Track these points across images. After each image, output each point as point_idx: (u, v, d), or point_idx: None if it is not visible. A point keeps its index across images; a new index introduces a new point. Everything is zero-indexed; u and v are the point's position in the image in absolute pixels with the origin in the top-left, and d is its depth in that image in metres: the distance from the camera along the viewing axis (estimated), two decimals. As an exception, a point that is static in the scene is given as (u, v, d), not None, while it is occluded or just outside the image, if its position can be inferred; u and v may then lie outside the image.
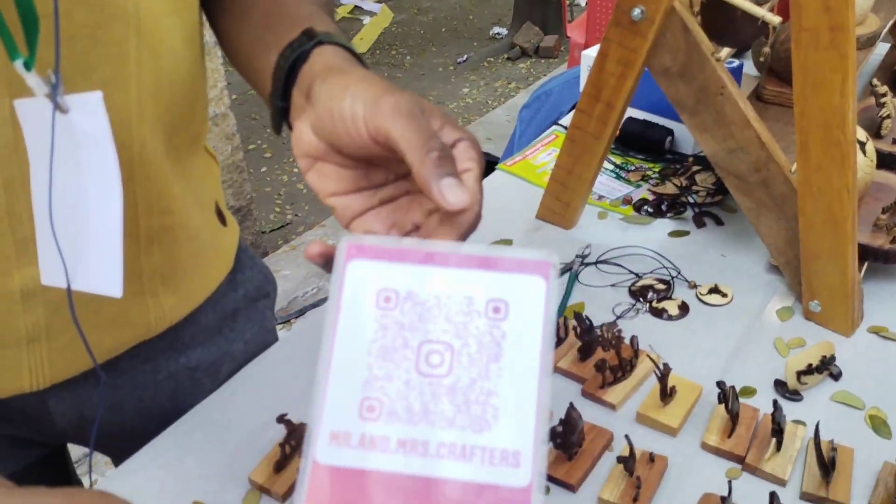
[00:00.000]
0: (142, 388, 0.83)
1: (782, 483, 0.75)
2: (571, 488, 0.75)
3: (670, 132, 1.25)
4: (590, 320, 0.88)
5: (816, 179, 0.86)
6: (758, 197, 0.95)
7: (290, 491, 0.75)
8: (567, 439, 0.76)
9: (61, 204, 0.56)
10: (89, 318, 0.73)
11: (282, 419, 0.76)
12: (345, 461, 0.42)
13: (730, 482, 0.71)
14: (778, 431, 0.76)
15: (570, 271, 1.03)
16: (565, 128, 1.20)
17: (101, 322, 0.74)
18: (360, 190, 0.55)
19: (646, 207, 1.15)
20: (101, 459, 1.91)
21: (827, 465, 0.73)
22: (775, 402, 0.76)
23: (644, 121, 1.28)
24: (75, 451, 1.03)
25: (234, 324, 0.90)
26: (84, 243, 0.57)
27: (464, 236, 0.50)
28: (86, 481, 1.05)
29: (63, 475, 0.93)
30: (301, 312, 2.63)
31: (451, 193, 0.48)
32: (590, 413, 0.83)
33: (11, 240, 0.63)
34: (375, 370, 0.43)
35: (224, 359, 0.89)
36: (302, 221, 3.51)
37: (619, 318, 0.95)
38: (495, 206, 1.14)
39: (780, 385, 0.85)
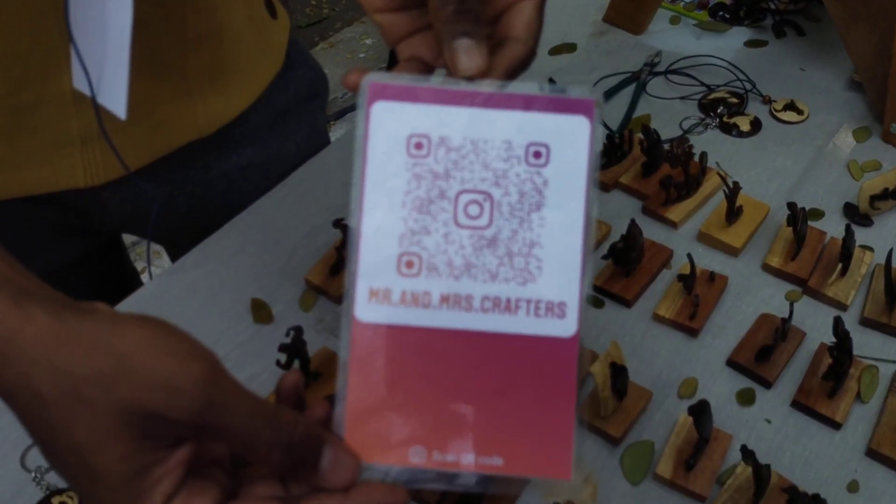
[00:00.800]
0: (194, 184, 0.82)
1: (843, 308, 0.74)
2: (627, 303, 0.74)
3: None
4: (657, 134, 0.83)
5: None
6: (853, 5, 0.86)
7: (346, 293, 0.76)
8: (627, 255, 0.74)
9: (89, 14, 0.54)
10: (139, 121, 0.71)
11: (338, 223, 0.75)
12: (387, 318, 0.41)
13: (791, 304, 0.70)
14: (846, 256, 0.74)
15: (638, 81, 0.97)
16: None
17: (152, 124, 0.73)
18: (410, 7, 0.49)
19: (722, 13, 1.06)
20: (153, 250, 1.97)
21: (895, 291, 0.71)
22: (848, 227, 0.74)
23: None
24: (128, 236, 1.04)
25: (284, 124, 0.87)
26: (102, 57, 0.56)
27: (512, 73, 0.44)
28: (140, 268, 1.08)
29: (117, 263, 0.95)
30: (342, 114, 2.59)
31: (465, 58, 0.41)
32: (649, 230, 0.81)
33: (61, 42, 0.61)
34: (411, 224, 0.41)
35: (276, 159, 0.87)
36: (339, 17, 3.36)
37: (686, 132, 0.91)
38: (558, 4, 1.06)
39: (850, 209, 0.82)
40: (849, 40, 0.88)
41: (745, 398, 0.68)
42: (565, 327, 0.41)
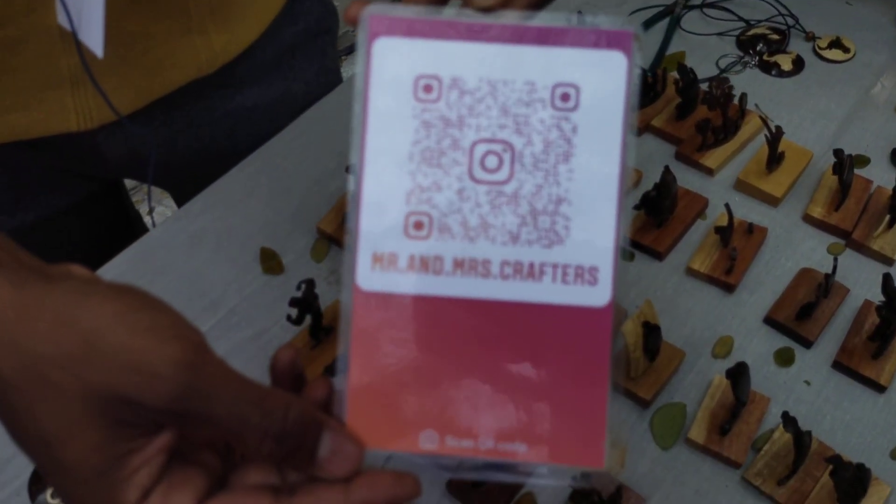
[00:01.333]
0: (196, 127, 0.77)
1: (889, 262, 0.69)
2: (659, 256, 0.70)
3: None
4: (693, 73, 0.77)
5: None
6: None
7: (360, 242, 0.72)
8: (659, 204, 0.70)
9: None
10: (135, 60, 0.66)
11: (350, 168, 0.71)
12: (393, 287, 0.36)
13: (835, 258, 0.66)
14: (895, 207, 0.69)
15: (671, 15, 0.90)
16: None
17: (148, 63, 0.68)
18: None
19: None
20: (158, 191, 1.93)
21: (948, 247, 0.67)
22: (899, 179, 0.68)
23: None
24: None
25: (292, 61, 0.82)
26: None
27: (535, 4, 0.39)
28: (145, 211, 1.04)
29: (119, 207, 0.91)
30: (352, 49, 2.51)
31: None
32: (683, 178, 0.75)
33: None
34: (420, 179, 0.36)
35: (284, 99, 0.82)
36: (351, -51, 3.24)
37: (723, 72, 0.85)
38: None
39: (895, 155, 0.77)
40: (904, -29, 0.82)
41: (784, 358, 0.64)
42: (597, 295, 0.36)
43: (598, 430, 0.36)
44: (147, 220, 0.89)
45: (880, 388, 0.62)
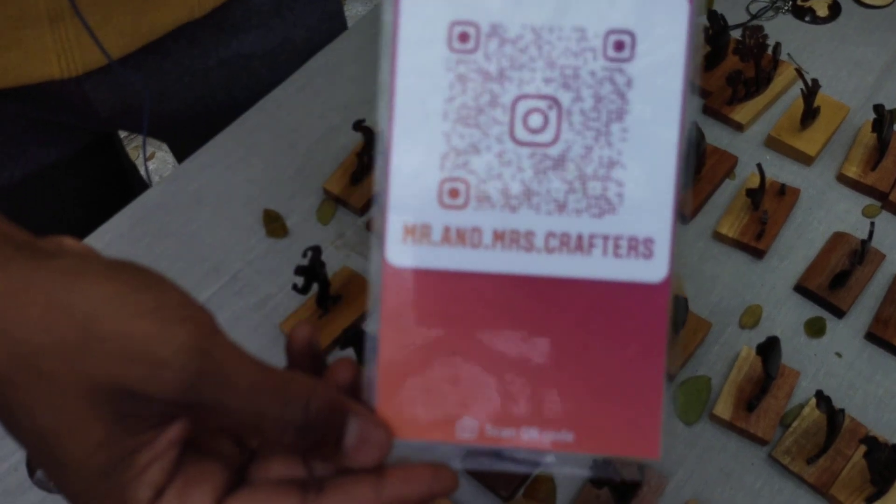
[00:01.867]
0: (190, 75, 0.72)
1: (928, 225, 0.65)
2: (684, 218, 0.66)
3: None
4: (724, 20, 0.72)
5: None
6: None
7: (368, 204, 0.68)
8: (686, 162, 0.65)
9: None
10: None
11: (359, 125, 0.66)
12: (426, 261, 0.33)
13: (871, 223, 0.62)
14: (939, 169, 0.64)
15: (697, -45, 0.84)
16: None
17: (135, 3, 0.63)
18: None
19: None
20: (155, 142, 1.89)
21: None
22: (945, 135, 0.64)
23: None
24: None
25: (293, 4, 0.76)
26: None
27: None
28: (140, 163, 1.00)
29: (114, 163, 0.87)
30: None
31: None
32: (711, 133, 0.71)
33: None
34: (455, 140, 0.32)
35: (284, 47, 0.77)
36: None
37: (753, 17, 0.79)
38: None
39: (940, 110, 0.72)
40: None
41: (815, 329, 0.61)
42: (653, 270, 0.32)
43: (653, 418, 0.33)
44: (143, 171, 0.85)
45: (916, 362, 0.59)
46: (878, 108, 0.66)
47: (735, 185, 0.68)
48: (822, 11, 0.79)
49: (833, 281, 0.61)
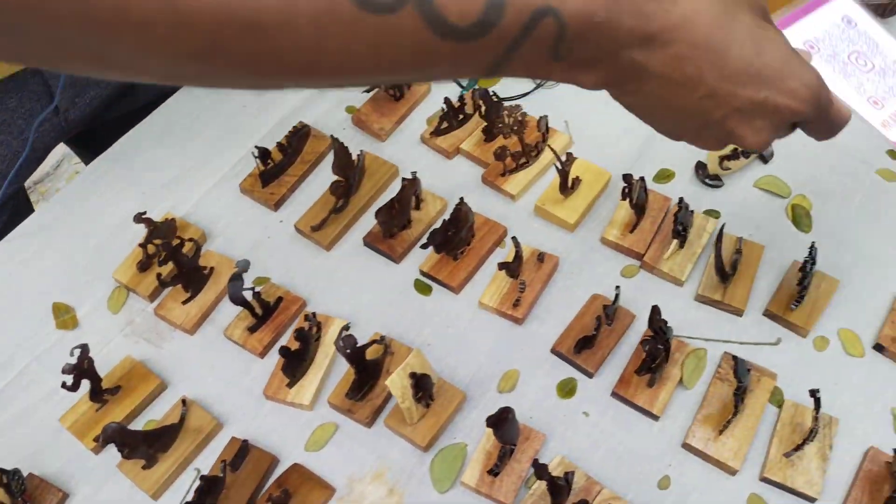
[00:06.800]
0: None
1: (679, 283, 0.70)
2: (454, 290, 0.70)
3: None
4: (496, 96, 0.77)
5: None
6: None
7: (156, 292, 0.71)
8: (451, 241, 0.70)
9: None
10: None
11: (140, 217, 0.70)
12: None
13: (617, 287, 0.66)
14: (678, 232, 0.69)
15: (491, 27, 0.89)
16: None
17: None
18: None
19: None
20: None
21: (726, 270, 0.68)
22: (681, 200, 0.69)
23: None
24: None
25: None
26: None
27: None
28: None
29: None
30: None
31: None
32: (490, 202, 0.76)
33: None
34: None
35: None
36: None
37: (539, 86, 0.84)
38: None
39: (701, 168, 0.77)
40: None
41: (566, 390, 0.65)
42: None
43: None
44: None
45: (654, 417, 0.63)
46: (626, 177, 0.70)
47: (505, 254, 0.72)
48: (599, 79, 0.84)
49: (581, 344, 0.66)
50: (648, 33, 0.40)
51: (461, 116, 0.80)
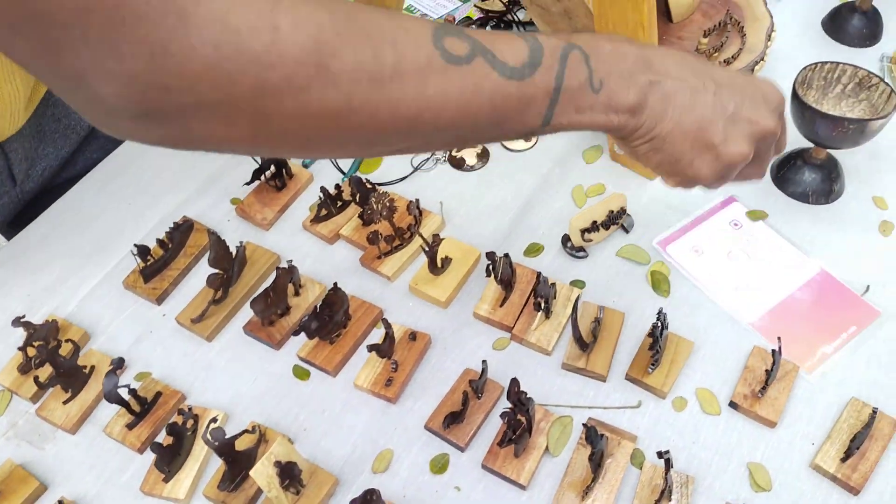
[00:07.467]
0: None
1: (547, 353, 0.74)
2: (331, 374, 0.73)
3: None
4: (371, 183, 0.81)
5: (612, 14, 0.76)
6: (561, 28, 0.85)
7: (37, 395, 0.72)
8: (327, 324, 0.72)
9: None
10: None
11: (18, 321, 0.71)
12: None
13: (484, 362, 0.69)
14: (539, 305, 0.73)
15: (372, 115, 0.94)
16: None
17: None
18: None
19: (472, 27, 1.03)
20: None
21: (584, 341, 0.71)
22: (538, 275, 0.73)
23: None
24: None
25: None
26: None
27: None
28: None
29: None
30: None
31: None
32: (369, 284, 0.79)
33: None
34: None
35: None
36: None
37: (416, 169, 0.89)
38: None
39: (567, 241, 0.81)
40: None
41: (439, 465, 0.67)
42: None
43: None
44: None
45: (522, 487, 0.66)
46: (489, 255, 0.74)
47: (381, 334, 0.75)
48: (472, 160, 0.89)
49: (447, 419, 0.68)
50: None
51: (339, 203, 0.83)
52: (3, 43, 0.34)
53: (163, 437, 0.68)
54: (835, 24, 1.02)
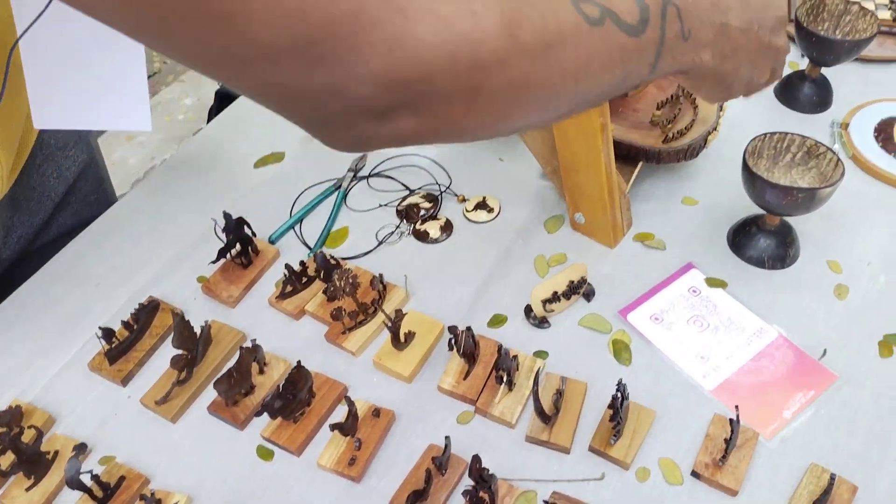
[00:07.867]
0: None
1: (511, 426, 0.74)
2: (294, 453, 0.73)
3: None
4: (335, 259, 0.82)
5: (564, 92, 0.78)
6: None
7: (1, 482, 0.72)
8: (290, 403, 0.73)
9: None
10: None
11: (-20, 409, 0.71)
12: None
13: (447, 438, 0.70)
14: (501, 378, 0.74)
15: (339, 190, 0.96)
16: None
17: None
18: None
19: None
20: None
21: (546, 414, 0.72)
22: (499, 348, 0.74)
23: None
24: None
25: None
26: None
27: None
28: None
29: None
30: None
31: None
32: (334, 360, 0.79)
33: None
34: None
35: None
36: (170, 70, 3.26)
37: (381, 243, 0.90)
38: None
39: (529, 311, 0.83)
40: (525, 136, 0.90)
41: (403, 545, 0.67)
42: None
43: None
44: None
45: (486, 565, 0.66)
46: (451, 329, 0.75)
47: (345, 411, 0.75)
48: (436, 233, 0.90)
49: (410, 498, 0.68)
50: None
51: (304, 279, 0.84)
52: (264, 76, 0.39)
53: (124, 524, 0.68)
54: (787, 92, 1.06)
